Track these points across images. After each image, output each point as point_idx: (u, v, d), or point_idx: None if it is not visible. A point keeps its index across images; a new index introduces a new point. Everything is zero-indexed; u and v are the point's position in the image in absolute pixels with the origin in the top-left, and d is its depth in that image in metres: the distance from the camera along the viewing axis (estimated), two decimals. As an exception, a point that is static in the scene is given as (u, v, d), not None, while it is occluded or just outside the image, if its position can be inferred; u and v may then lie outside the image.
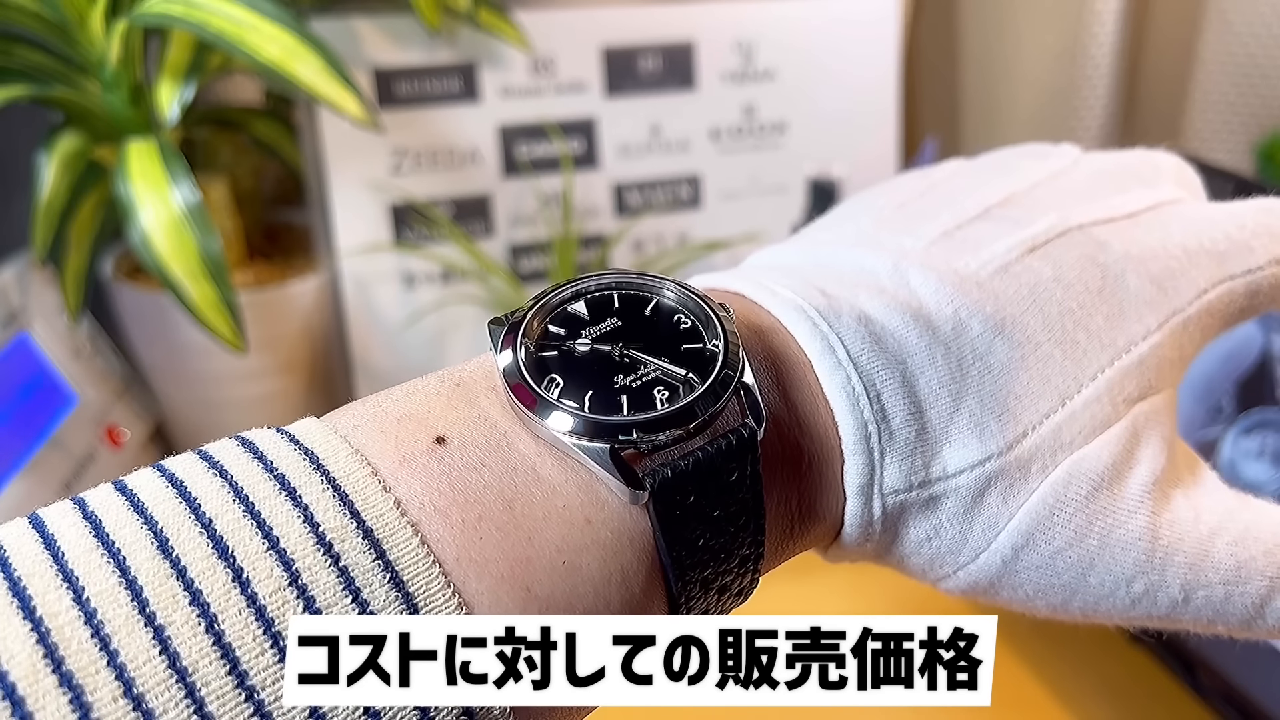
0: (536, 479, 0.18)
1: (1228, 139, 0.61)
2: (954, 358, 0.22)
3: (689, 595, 0.19)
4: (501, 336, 0.20)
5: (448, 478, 0.18)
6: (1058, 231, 0.24)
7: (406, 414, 0.19)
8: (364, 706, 0.16)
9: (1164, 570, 0.22)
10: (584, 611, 0.18)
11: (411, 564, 0.17)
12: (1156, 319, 0.23)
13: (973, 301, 0.22)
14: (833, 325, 0.21)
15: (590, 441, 0.18)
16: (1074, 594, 0.22)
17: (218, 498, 0.17)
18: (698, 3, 0.58)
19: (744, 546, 0.20)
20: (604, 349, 0.20)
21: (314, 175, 0.55)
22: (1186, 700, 0.42)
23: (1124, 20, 0.62)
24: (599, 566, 0.18)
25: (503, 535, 0.17)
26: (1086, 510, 0.22)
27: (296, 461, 0.17)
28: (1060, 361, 0.22)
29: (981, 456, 0.21)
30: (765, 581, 0.22)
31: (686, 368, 0.20)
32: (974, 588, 0.23)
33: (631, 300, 0.21)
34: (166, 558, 0.16)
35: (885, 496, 0.21)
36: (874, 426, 0.21)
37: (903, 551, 0.22)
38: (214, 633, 0.15)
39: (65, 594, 0.15)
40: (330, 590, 0.16)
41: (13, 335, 0.49)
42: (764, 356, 0.21)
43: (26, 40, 0.48)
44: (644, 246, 0.60)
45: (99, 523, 0.16)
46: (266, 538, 0.16)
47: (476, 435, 0.19)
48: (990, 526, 0.22)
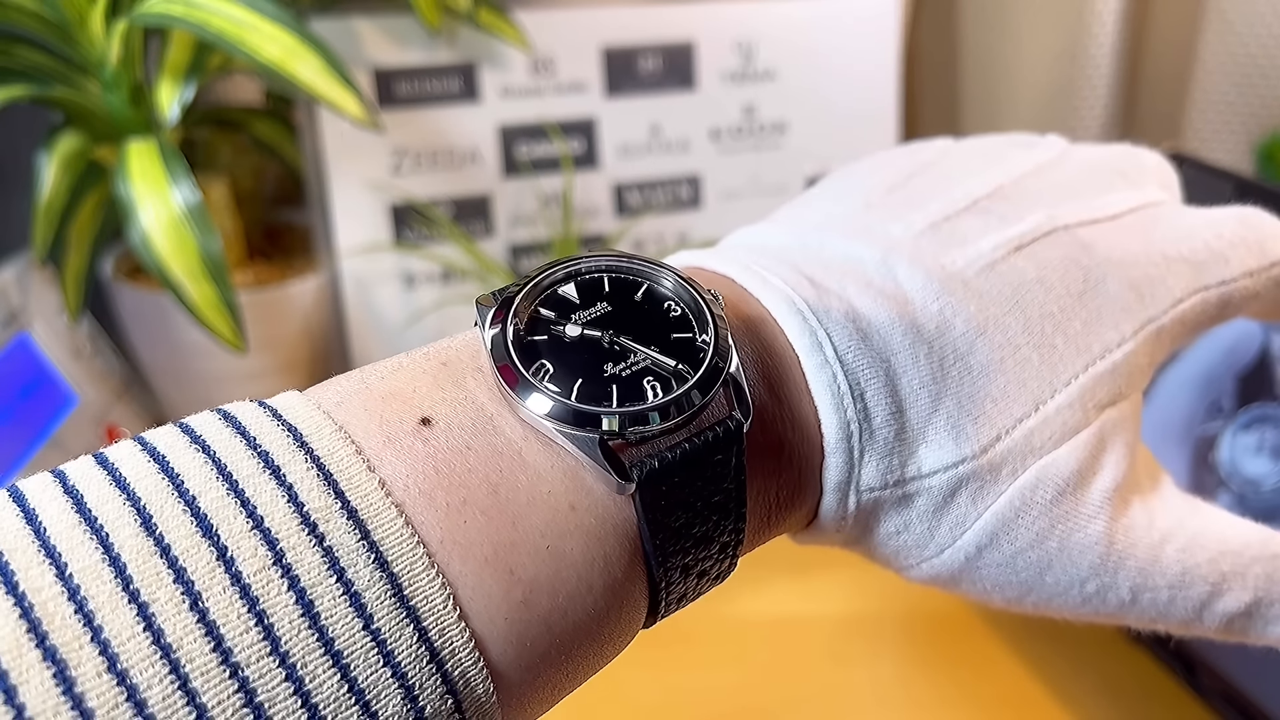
0: (522, 464, 0.18)
1: (1228, 139, 0.61)
2: (936, 357, 0.22)
3: (669, 580, 0.20)
4: (490, 315, 0.20)
5: (433, 460, 0.18)
6: (1044, 231, 0.24)
7: (391, 392, 0.19)
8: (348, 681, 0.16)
9: (1116, 574, 0.23)
10: (566, 595, 0.18)
11: (396, 545, 0.17)
12: (1132, 326, 0.24)
13: (958, 300, 0.22)
14: (821, 321, 0.22)
15: (578, 431, 0.18)
16: (1029, 590, 0.23)
17: (200, 474, 0.17)
18: (698, 3, 0.58)
19: (725, 534, 0.20)
20: (593, 335, 0.20)
21: (314, 175, 0.55)
22: (1186, 700, 0.42)
23: (1124, 20, 0.62)
24: (582, 552, 0.18)
25: (487, 519, 0.17)
26: (1050, 514, 0.22)
27: (280, 438, 0.17)
28: (1037, 366, 0.22)
29: (956, 459, 0.22)
30: (765, 577, 0.22)
31: (676, 358, 0.20)
32: (935, 579, 0.23)
33: (622, 285, 0.21)
34: (150, 535, 0.16)
35: (861, 493, 0.22)
36: (856, 426, 0.21)
37: (871, 542, 0.23)
38: (198, 610, 0.15)
39: (48, 570, 0.15)
40: (315, 570, 0.16)
41: (13, 335, 0.49)
42: (752, 348, 0.21)
43: (27, 40, 0.48)
44: (644, 246, 0.60)
45: (80, 498, 0.16)
46: (250, 517, 0.16)
47: (462, 417, 0.19)
48: (957, 525, 0.22)
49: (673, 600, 0.20)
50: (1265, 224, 0.27)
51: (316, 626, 0.16)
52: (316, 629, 0.16)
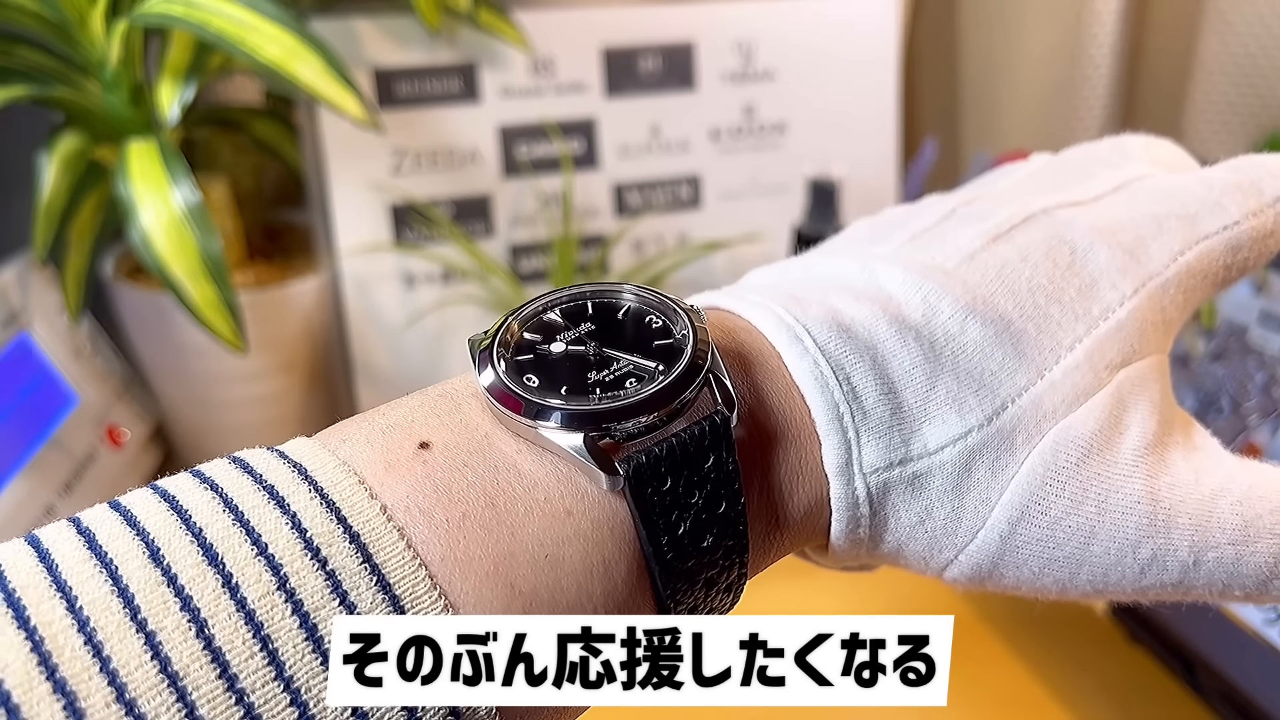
0: (518, 475, 0.19)
1: (1227, 139, 0.61)
2: (925, 341, 0.22)
3: (675, 588, 0.20)
4: (479, 353, 0.21)
5: (431, 480, 0.18)
6: (1021, 217, 0.24)
7: (392, 425, 0.19)
8: (353, 707, 0.16)
9: (1169, 532, 0.22)
10: (566, 605, 0.18)
11: (398, 566, 0.17)
12: (1131, 285, 0.23)
13: (940, 286, 0.22)
14: (799, 318, 0.22)
15: (567, 432, 0.19)
16: (1080, 565, 0.22)
17: (208, 509, 0.17)
18: (698, 3, 0.58)
19: (726, 536, 0.20)
20: (578, 350, 0.21)
21: (314, 175, 0.55)
22: (1186, 700, 0.42)
23: (1123, 20, 0.63)
24: (581, 558, 0.18)
25: (486, 532, 0.18)
26: (1079, 476, 0.22)
27: (285, 474, 0.18)
28: (1034, 336, 0.22)
29: (962, 430, 0.21)
30: (765, 578, 0.22)
31: (657, 360, 0.20)
32: (978, 571, 0.22)
33: (604, 306, 0.22)
34: (158, 566, 0.16)
35: (867, 475, 0.21)
36: (846, 406, 0.21)
37: (899, 538, 0.22)
38: (204, 637, 0.15)
39: (59, 604, 0.15)
40: (318, 594, 0.16)
41: (13, 335, 0.49)
42: (735, 352, 0.22)
43: (27, 40, 0.48)
44: (644, 246, 0.60)
45: (92, 536, 0.17)
46: (255, 544, 0.17)
47: (459, 438, 0.19)
48: (983, 502, 0.22)
49: (683, 613, 0.20)
50: (1257, 164, 0.26)
51: (320, 651, 0.16)
52: (320, 653, 0.16)
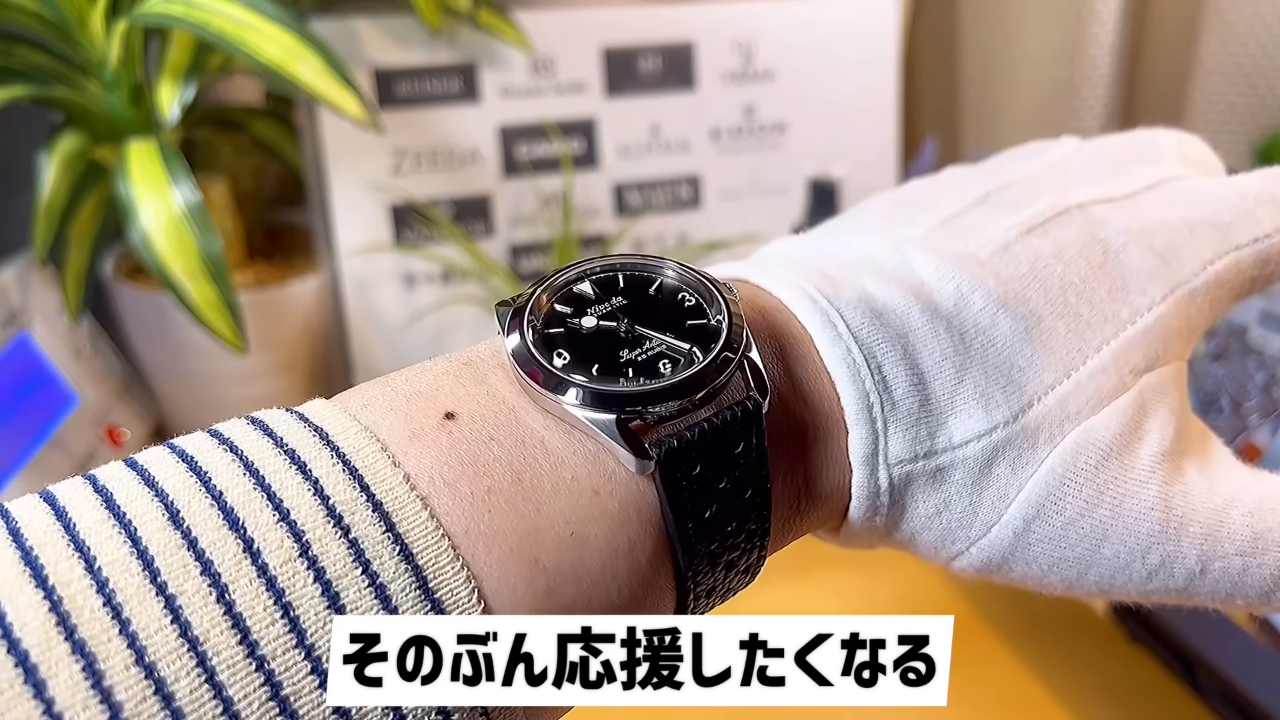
0: (545, 451, 0.18)
1: (1228, 139, 0.61)
2: (956, 332, 0.22)
3: (696, 569, 0.19)
4: (508, 319, 0.20)
5: (456, 451, 0.18)
6: (1056, 211, 0.24)
7: (416, 392, 0.19)
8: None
9: (1179, 540, 0.22)
10: (590, 583, 0.18)
11: (421, 537, 0.17)
12: (1161, 290, 0.23)
13: (974, 278, 0.22)
14: (833, 302, 0.22)
15: (597, 412, 0.19)
16: (1089, 567, 0.22)
17: (228, 471, 0.17)
18: (698, 3, 0.58)
19: (750, 521, 0.20)
20: (610, 325, 0.20)
21: (314, 175, 0.55)
22: (1186, 700, 0.42)
23: (1123, 20, 0.62)
24: (606, 538, 0.18)
25: (511, 507, 0.18)
26: (1097, 480, 0.22)
27: (307, 438, 0.18)
28: (1064, 334, 0.22)
29: (988, 426, 0.21)
30: (765, 578, 0.22)
31: (691, 342, 0.20)
32: (988, 564, 0.22)
33: (636, 280, 0.22)
34: (178, 529, 0.16)
35: (891, 467, 0.21)
36: (876, 396, 0.21)
37: (913, 527, 0.22)
38: (225, 602, 0.15)
39: (77, 564, 0.15)
40: (340, 562, 0.16)
41: (13, 335, 0.49)
42: (767, 334, 0.22)
43: (27, 40, 0.48)
44: (644, 246, 0.60)
45: (110, 495, 0.16)
46: (277, 509, 0.16)
47: (485, 410, 0.19)
48: (1000, 498, 0.22)
49: (701, 593, 0.20)
50: None
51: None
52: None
